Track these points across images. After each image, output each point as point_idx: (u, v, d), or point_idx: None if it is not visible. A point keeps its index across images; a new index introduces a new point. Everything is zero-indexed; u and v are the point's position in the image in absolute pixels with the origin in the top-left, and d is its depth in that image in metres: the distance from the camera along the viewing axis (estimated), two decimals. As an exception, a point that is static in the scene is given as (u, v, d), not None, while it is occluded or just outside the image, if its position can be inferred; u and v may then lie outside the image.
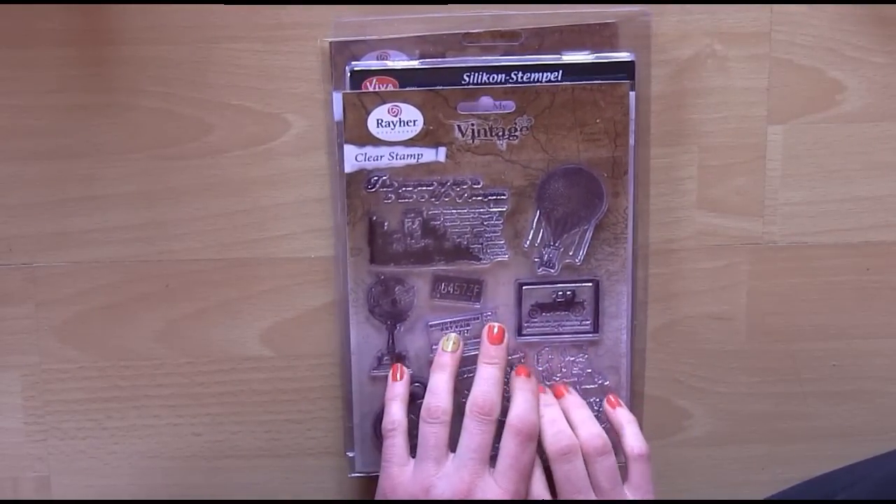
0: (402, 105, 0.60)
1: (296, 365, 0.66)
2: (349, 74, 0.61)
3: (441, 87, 0.60)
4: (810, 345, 0.68)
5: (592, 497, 0.60)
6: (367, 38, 0.61)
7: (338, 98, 0.61)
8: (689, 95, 0.63)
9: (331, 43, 0.61)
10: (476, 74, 0.61)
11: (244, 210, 0.64)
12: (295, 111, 0.63)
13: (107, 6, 0.62)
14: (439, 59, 0.61)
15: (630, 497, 0.61)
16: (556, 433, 0.61)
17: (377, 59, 0.61)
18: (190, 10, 0.62)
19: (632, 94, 0.61)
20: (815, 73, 0.64)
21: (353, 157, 0.61)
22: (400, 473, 0.61)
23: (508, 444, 0.60)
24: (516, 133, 0.61)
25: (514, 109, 0.61)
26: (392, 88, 0.60)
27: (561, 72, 0.61)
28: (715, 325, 0.67)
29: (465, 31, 0.61)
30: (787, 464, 0.69)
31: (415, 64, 0.61)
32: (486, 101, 0.61)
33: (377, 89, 0.60)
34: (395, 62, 0.61)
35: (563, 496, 0.60)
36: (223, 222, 0.65)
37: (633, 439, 0.62)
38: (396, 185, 0.61)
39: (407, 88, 0.60)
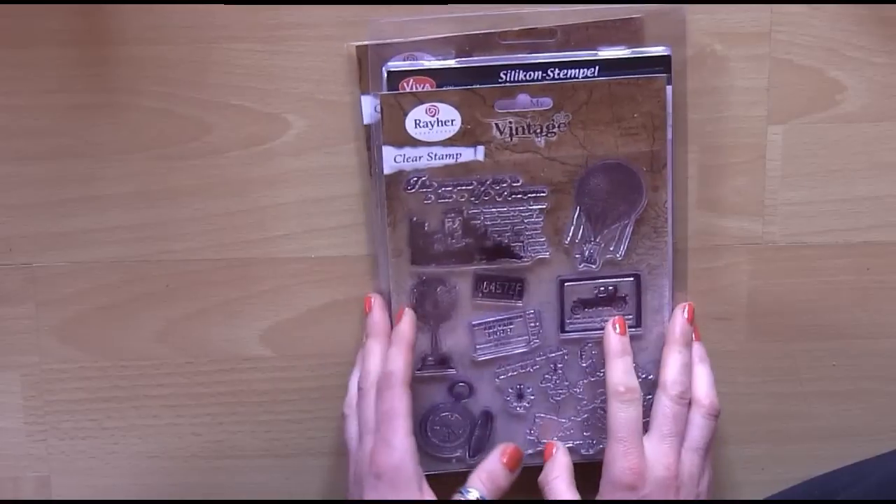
0: (439, 105, 0.60)
1: (296, 365, 0.66)
2: (385, 75, 0.60)
3: (478, 86, 0.60)
4: (810, 345, 0.67)
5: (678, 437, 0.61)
6: (394, 40, 0.61)
7: (367, 101, 0.61)
8: (689, 95, 0.63)
9: (357, 46, 0.61)
10: (513, 72, 0.60)
11: (244, 210, 0.64)
12: (295, 111, 0.63)
13: (107, 6, 0.62)
14: (475, 58, 0.61)
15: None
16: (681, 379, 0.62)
17: (404, 61, 0.61)
18: (190, 10, 0.62)
19: (668, 88, 0.61)
20: (815, 73, 0.64)
21: (392, 159, 0.60)
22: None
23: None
24: (554, 130, 0.61)
25: (551, 106, 0.60)
26: (429, 88, 0.60)
27: (597, 67, 0.61)
28: (715, 325, 0.67)
29: (496, 31, 0.61)
30: (787, 464, 0.69)
31: (451, 63, 0.61)
32: (523, 98, 0.60)
33: (414, 89, 0.60)
34: (431, 62, 0.61)
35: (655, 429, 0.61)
36: (223, 222, 0.65)
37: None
38: (436, 185, 0.61)
39: (444, 88, 0.60)
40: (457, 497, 0.61)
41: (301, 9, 0.62)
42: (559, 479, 0.62)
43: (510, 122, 0.60)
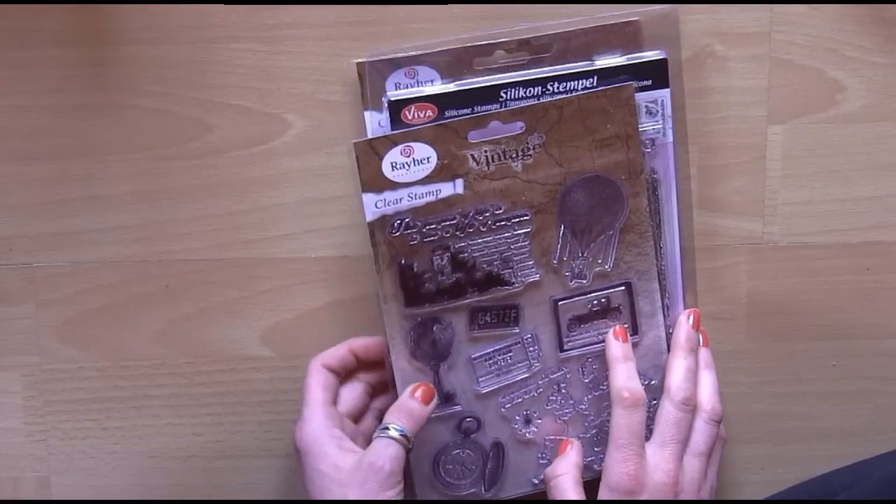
0: (413, 144, 0.59)
1: (296, 365, 0.66)
2: (387, 105, 0.60)
3: (449, 119, 0.60)
4: (810, 345, 0.67)
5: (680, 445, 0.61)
6: (394, 55, 0.61)
7: (370, 116, 0.61)
8: (689, 95, 0.63)
9: (357, 63, 0.61)
10: (513, 90, 0.60)
11: (244, 210, 0.64)
12: (295, 111, 0.63)
13: (107, 6, 0.62)
14: (475, 80, 0.61)
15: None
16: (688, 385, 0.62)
17: (405, 76, 0.61)
18: (190, 10, 0.62)
19: (667, 91, 0.61)
20: (815, 73, 0.64)
21: (374, 205, 0.60)
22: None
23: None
24: (529, 152, 0.60)
25: (524, 129, 0.60)
26: (431, 114, 0.60)
27: (596, 77, 0.61)
28: (715, 325, 0.67)
29: (493, 42, 0.61)
30: (787, 464, 0.69)
31: (451, 87, 0.61)
32: (495, 125, 0.60)
33: (416, 117, 0.60)
34: (430, 87, 0.61)
35: (658, 436, 0.61)
36: (223, 222, 0.65)
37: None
38: (420, 224, 0.61)
39: (417, 127, 0.60)
40: (376, 437, 0.60)
41: (301, 9, 0.62)
42: (566, 476, 0.61)
43: (485, 151, 0.60)
